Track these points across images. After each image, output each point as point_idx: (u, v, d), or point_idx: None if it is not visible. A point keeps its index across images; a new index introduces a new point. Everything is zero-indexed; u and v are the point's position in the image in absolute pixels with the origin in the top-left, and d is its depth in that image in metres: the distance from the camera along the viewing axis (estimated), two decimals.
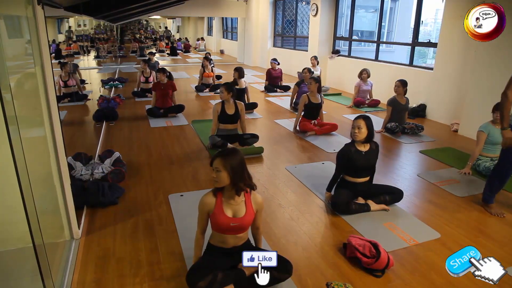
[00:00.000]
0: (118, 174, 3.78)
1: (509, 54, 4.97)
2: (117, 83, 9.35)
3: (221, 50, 20.71)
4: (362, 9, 16.79)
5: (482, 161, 4.15)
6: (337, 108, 7.44)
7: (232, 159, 2.13)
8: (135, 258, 2.58)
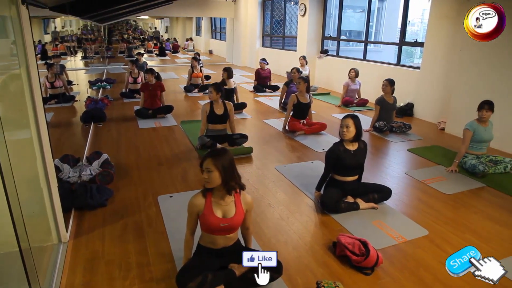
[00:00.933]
0: (106, 175, 3.75)
1: (494, 52, 5.05)
2: (105, 84, 9.26)
3: (210, 50, 20.67)
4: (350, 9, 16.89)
5: (468, 159, 4.21)
6: (326, 107, 7.47)
7: (223, 158, 2.13)
8: (125, 260, 2.56)
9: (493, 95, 4.65)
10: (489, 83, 5.15)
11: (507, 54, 4.88)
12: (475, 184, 3.93)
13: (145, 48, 21.21)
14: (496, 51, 5.02)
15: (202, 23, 22.26)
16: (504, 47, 4.89)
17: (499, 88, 4.99)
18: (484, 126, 4.19)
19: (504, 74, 4.95)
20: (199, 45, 22.92)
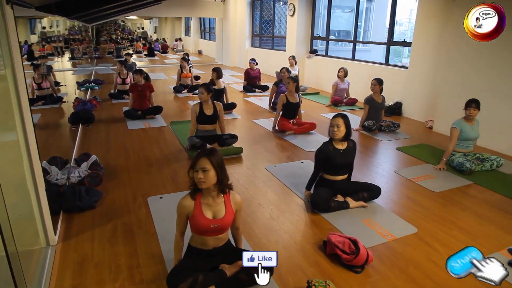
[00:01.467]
0: (95, 177, 3.72)
1: (480, 52, 5.12)
2: (93, 85, 9.17)
3: (199, 50, 20.60)
4: (339, 9, 16.98)
5: (456, 157, 4.26)
6: (315, 107, 7.50)
7: (217, 157, 2.15)
8: (114, 262, 2.54)
9: (479, 93, 4.72)
10: (475, 82, 5.22)
11: (493, 53, 4.95)
12: (463, 181, 3.99)
13: (133, 49, 21.06)
14: (482, 50, 5.09)
15: (191, 23, 22.19)
16: (490, 47, 4.96)
17: (485, 87, 5.06)
18: (470, 125, 4.25)
19: (490, 73, 5.02)
20: (188, 45, 22.84)
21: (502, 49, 4.82)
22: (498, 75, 4.92)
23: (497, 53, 4.89)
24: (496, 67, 4.94)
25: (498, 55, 4.89)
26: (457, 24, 5.41)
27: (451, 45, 5.58)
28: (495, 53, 4.92)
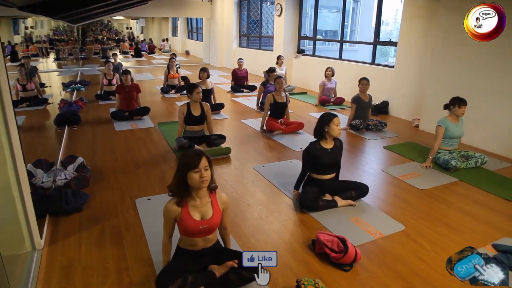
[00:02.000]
0: (82, 180, 3.67)
1: (464, 51, 5.20)
2: (79, 86, 9.07)
3: (186, 51, 20.52)
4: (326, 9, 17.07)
5: (442, 154, 4.33)
6: (303, 106, 7.53)
7: (208, 156, 2.16)
8: (102, 266, 2.51)
9: (463, 92, 4.78)
10: (460, 81, 5.30)
11: (476, 53, 5.03)
12: (448, 179, 4.04)
13: (120, 49, 20.87)
14: (465, 50, 5.17)
15: (178, 23, 22.09)
16: (473, 47, 5.04)
17: (469, 85, 5.14)
18: (455, 123, 4.31)
19: (474, 72, 5.10)
20: (175, 45, 22.74)
21: (485, 49, 4.90)
22: (481, 74, 5.01)
23: (480, 53, 4.98)
24: (479, 66, 5.02)
25: (481, 54, 4.97)
26: (442, 24, 5.49)
27: (436, 45, 5.66)
28: (479, 53, 5.00)
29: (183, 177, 2.12)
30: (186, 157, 2.14)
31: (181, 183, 2.14)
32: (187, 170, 2.10)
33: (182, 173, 2.11)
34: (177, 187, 2.16)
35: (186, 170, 2.10)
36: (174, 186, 2.17)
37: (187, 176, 2.10)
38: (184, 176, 2.11)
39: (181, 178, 2.13)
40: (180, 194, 2.17)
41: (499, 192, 3.73)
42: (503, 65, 4.75)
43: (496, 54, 4.81)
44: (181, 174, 2.12)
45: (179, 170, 2.13)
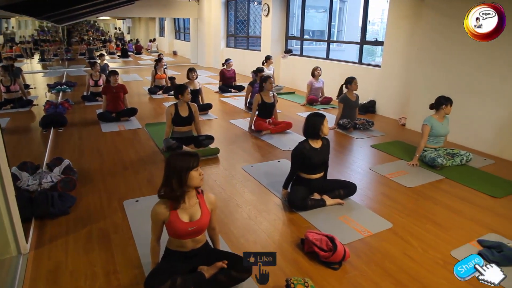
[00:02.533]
0: (68, 182, 3.63)
1: (449, 51, 5.27)
2: (65, 87, 8.96)
3: (174, 51, 20.40)
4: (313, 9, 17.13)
5: (428, 152, 4.38)
6: (291, 106, 7.56)
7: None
8: (90, 269, 2.48)
9: (448, 91, 4.85)
10: (445, 80, 5.38)
11: (461, 52, 5.11)
12: (435, 176, 4.10)
13: (106, 50, 20.66)
14: (450, 50, 5.25)
15: (165, 23, 21.95)
16: (458, 47, 5.12)
17: (454, 84, 5.22)
18: (440, 121, 4.37)
19: (459, 71, 5.18)
20: (162, 46, 22.60)
21: (469, 49, 4.98)
22: (466, 73, 5.08)
23: (465, 53, 5.05)
24: (464, 65, 5.10)
25: (466, 54, 5.05)
26: (427, 24, 5.56)
27: (421, 45, 5.73)
28: (463, 53, 5.08)
29: (182, 179, 2.09)
30: (183, 159, 2.11)
31: (179, 186, 2.10)
32: (188, 170, 2.09)
33: (181, 175, 2.08)
34: (174, 191, 2.11)
35: (187, 171, 2.08)
36: (169, 191, 2.11)
37: (188, 176, 2.09)
38: (182, 178, 2.09)
39: (179, 181, 2.09)
40: (177, 198, 2.14)
41: (484, 189, 3.79)
42: (487, 65, 4.83)
43: (480, 54, 4.88)
44: (180, 176, 2.09)
45: (175, 173, 2.08)
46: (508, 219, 3.24)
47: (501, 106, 4.74)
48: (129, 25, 30.23)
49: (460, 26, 5.12)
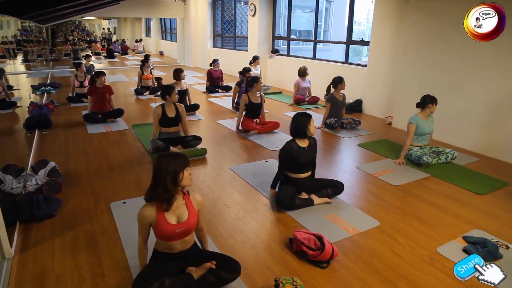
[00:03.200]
0: (54, 185, 3.58)
1: (433, 50, 5.35)
2: (49, 88, 8.82)
3: (160, 51, 20.27)
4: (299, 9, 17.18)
5: (414, 151, 4.44)
6: (278, 106, 7.58)
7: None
8: (77, 272, 2.45)
9: (433, 90, 4.93)
10: (430, 79, 5.45)
11: (445, 51, 5.19)
12: (421, 174, 4.15)
13: (92, 50, 20.42)
14: (434, 49, 5.32)
15: (151, 23, 21.79)
16: (442, 45, 5.20)
17: (439, 83, 5.29)
18: (426, 120, 4.44)
19: (443, 70, 5.26)
20: (149, 46, 22.43)
21: (453, 48, 5.06)
22: (450, 72, 5.16)
23: (449, 52, 5.13)
24: (449, 64, 5.18)
25: (450, 53, 5.12)
26: (412, 23, 5.63)
27: (406, 44, 5.79)
28: (447, 52, 5.16)
29: (176, 179, 2.08)
30: (175, 159, 2.10)
31: (174, 186, 2.09)
32: (180, 170, 2.09)
33: (176, 175, 2.08)
34: (169, 191, 2.09)
35: (179, 171, 2.08)
36: (162, 192, 2.09)
37: (181, 176, 2.09)
38: (177, 178, 2.08)
39: (174, 181, 2.08)
40: (170, 198, 2.12)
41: (469, 186, 3.86)
42: (470, 64, 4.91)
43: (464, 53, 4.97)
44: (175, 176, 2.08)
45: (169, 173, 2.07)
46: (492, 215, 3.30)
47: (485, 104, 4.83)
48: (115, 25, 29.92)
49: (444, 25, 5.22)
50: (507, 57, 4.52)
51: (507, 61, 4.53)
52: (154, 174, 2.11)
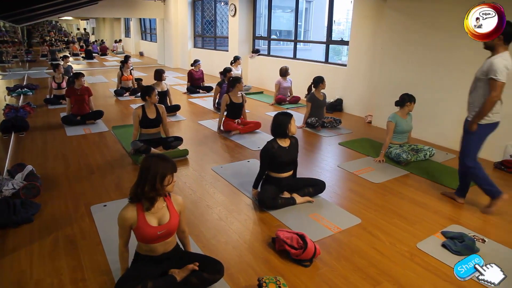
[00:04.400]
0: (31, 189, 3.50)
1: (410, 50, 5.45)
2: (26, 90, 8.62)
3: (140, 52, 20.03)
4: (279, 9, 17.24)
5: (393, 149, 4.51)
6: (259, 106, 7.59)
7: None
8: (57, 277, 2.41)
9: (411, 89, 5.02)
10: (407, 78, 5.56)
11: (422, 51, 5.29)
12: (400, 172, 4.23)
13: (70, 51, 20.03)
14: (411, 48, 5.42)
15: (131, 24, 21.51)
16: (419, 45, 5.30)
17: (417, 82, 5.40)
18: (404, 118, 4.52)
19: (420, 69, 5.36)
20: (128, 47, 22.13)
21: (429, 47, 5.17)
22: (429, 71, 5.27)
23: (425, 51, 5.24)
24: (425, 63, 5.29)
25: (426, 53, 5.23)
26: (389, 24, 5.73)
27: (384, 44, 5.89)
28: (423, 51, 5.26)
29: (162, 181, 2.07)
30: (163, 162, 2.08)
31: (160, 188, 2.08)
32: (169, 173, 2.08)
33: (162, 177, 2.07)
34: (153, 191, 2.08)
35: (167, 174, 2.08)
36: (148, 191, 2.07)
37: (168, 179, 2.08)
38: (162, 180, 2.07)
39: (160, 182, 2.07)
40: (153, 198, 2.11)
41: (447, 182, 3.95)
42: (447, 62, 5.03)
43: (439, 52, 5.08)
44: (161, 178, 2.07)
45: (154, 175, 2.05)
46: (468, 210, 3.39)
47: (460, 102, 4.91)
48: (93, 25, 29.43)
49: (420, 25, 5.32)
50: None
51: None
52: (142, 172, 2.09)
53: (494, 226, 3.15)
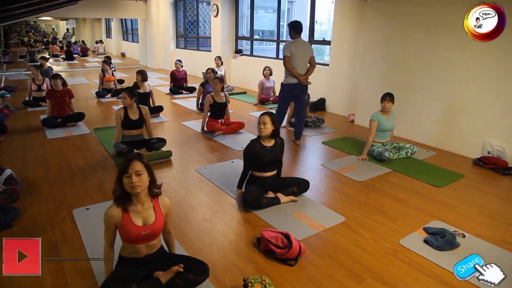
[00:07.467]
0: (11, 193, 3.42)
1: (391, 50, 5.53)
2: (3, 92, 8.42)
3: (122, 53, 19.78)
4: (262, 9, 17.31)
5: (376, 147, 4.57)
6: (243, 106, 7.59)
7: (146, 158, 2.12)
8: (38, 283, 2.36)
9: (393, 88, 5.10)
10: (390, 77, 5.64)
11: (402, 50, 5.38)
12: (383, 170, 4.29)
13: (49, 52, 19.65)
14: (392, 48, 5.51)
15: (112, 24, 21.22)
16: (399, 44, 5.39)
17: (398, 81, 5.48)
18: (387, 117, 4.58)
19: (401, 68, 5.45)
20: (110, 47, 21.83)
21: (409, 46, 5.26)
22: (410, 70, 5.36)
23: (404, 51, 5.33)
24: (405, 62, 5.37)
25: (406, 52, 5.32)
26: (370, 24, 5.80)
27: (366, 44, 5.96)
28: (403, 51, 5.35)
29: (121, 182, 2.08)
30: (122, 162, 2.09)
31: (120, 188, 2.09)
32: (120, 174, 2.07)
33: (119, 178, 2.08)
34: (118, 192, 2.10)
35: (120, 174, 2.07)
36: (116, 191, 2.11)
37: (124, 180, 2.07)
38: (121, 181, 2.08)
39: (119, 183, 2.08)
40: (121, 198, 2.11)
41: (428, 179, 4.02)
42: (427, 62, 5.12)
43: (419, 51, 5.17)
44: (118, 179, 2.08)
45: (117, 175, 2.09)
46: (449, 206, 3.46)
47: (440, 100, 5.05)
48: (73, 26, 28.92)
49: (401, 25, 5.40)
50: (461, 55, 4.74)
51: (460, 58, 4.75)
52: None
53: (474, 221, 3.22)
